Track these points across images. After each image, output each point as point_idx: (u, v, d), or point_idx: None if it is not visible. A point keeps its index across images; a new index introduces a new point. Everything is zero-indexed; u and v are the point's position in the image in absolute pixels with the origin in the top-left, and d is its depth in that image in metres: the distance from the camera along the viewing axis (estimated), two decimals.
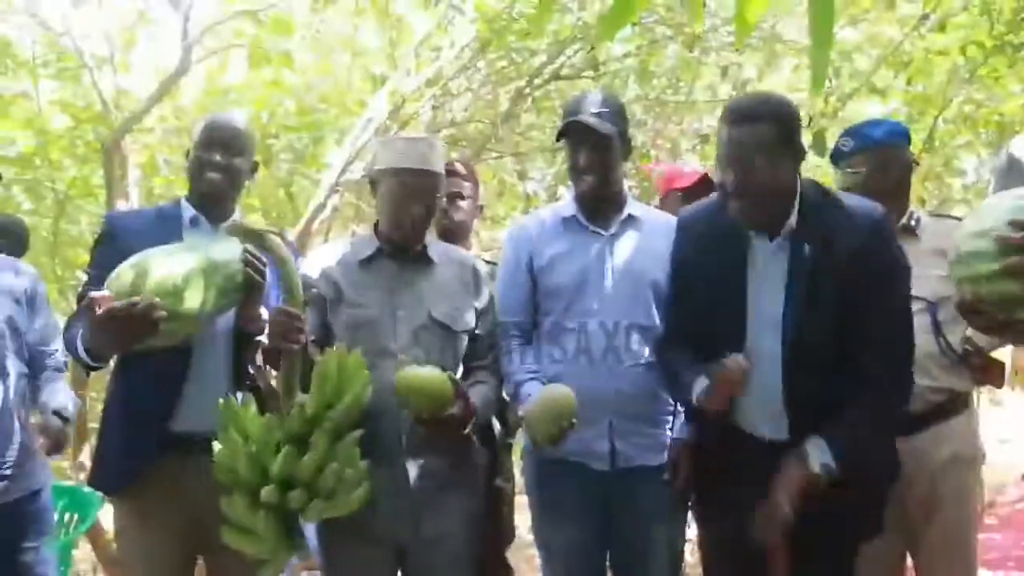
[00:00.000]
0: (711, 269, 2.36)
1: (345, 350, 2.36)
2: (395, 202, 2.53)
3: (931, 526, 2.72)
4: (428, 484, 2.47)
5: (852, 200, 2.37)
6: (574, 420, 2.38)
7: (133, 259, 2.24)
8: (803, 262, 2.25)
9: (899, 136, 2.89)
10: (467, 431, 2.44)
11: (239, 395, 2.43)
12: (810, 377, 2.26)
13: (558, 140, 2.74)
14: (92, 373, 2.85)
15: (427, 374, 2.35)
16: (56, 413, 2.79)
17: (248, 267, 2.36)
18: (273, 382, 2.40)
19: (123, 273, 2.20)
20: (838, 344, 2.25)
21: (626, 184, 2.85)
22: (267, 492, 2.24)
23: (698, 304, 2.40)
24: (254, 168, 2.70)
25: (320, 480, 2.27)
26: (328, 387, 2.31)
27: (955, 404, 2.75)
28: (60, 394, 2.86)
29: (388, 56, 7.79)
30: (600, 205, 2.71)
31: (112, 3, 7.28)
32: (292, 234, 7.03)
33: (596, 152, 2.65)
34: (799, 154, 2.27)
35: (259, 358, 2.47)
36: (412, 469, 2.46)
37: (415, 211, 2.51)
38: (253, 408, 2.37)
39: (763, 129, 2.19)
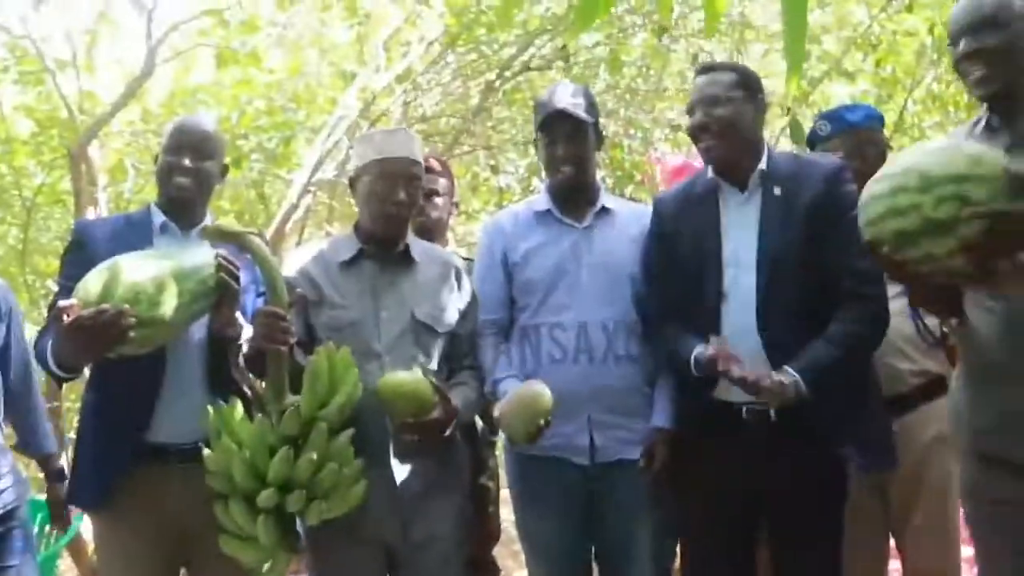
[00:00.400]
0: (688, 231, 2.50)
1: (334, 348, 2.34)
2: (378, 192, 2.50)
3: (915, 508, 2.73)
4: (415, 486, 2.45)
5: (813, 156, 2.63)
6: (549, 418, 2.36)
7: (102, 266, 2.19)
8: (773, 204, 2.42)
9: (875, 120, 2.93)
10: (448, 433, 2.42)
11: (219, 402, 2.38)
12: (785, 319, 2.34)
13: (539, 131, 2.71)
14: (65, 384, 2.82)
15: (408, 379, 2.33)
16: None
17: (221, 271, 2.33)
18: (257, 385, 2.37)
19: (91, 281, 2.15)
20: (809, 281, 2.34)
21: (599, 175, 2.84)
22: (265, 496, 2.21)
23: (680, 266, 2.49)
24: (224, 171, 2.66)
25: (318, 480, 2.25)
26: (321, 387, 2.28)
27: (936, 386, 2.75)
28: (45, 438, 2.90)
29: (357, 52, 7.74)
30: (574, 197, 2.70)
31: (73, 5, 7.16)
32: (266, 235, 6.99)
33: (574, 142, 2.64)
34: (760, 106, 2.49)
35: (241, 362, 2.44)
36: (399, 471, 2.44)
37: (399, 198, 2.48)
38: (240, 413, 2.34)
39: (725, 75, 2.46)
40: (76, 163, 6.38)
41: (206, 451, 2.29)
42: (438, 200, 3.24)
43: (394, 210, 2.50)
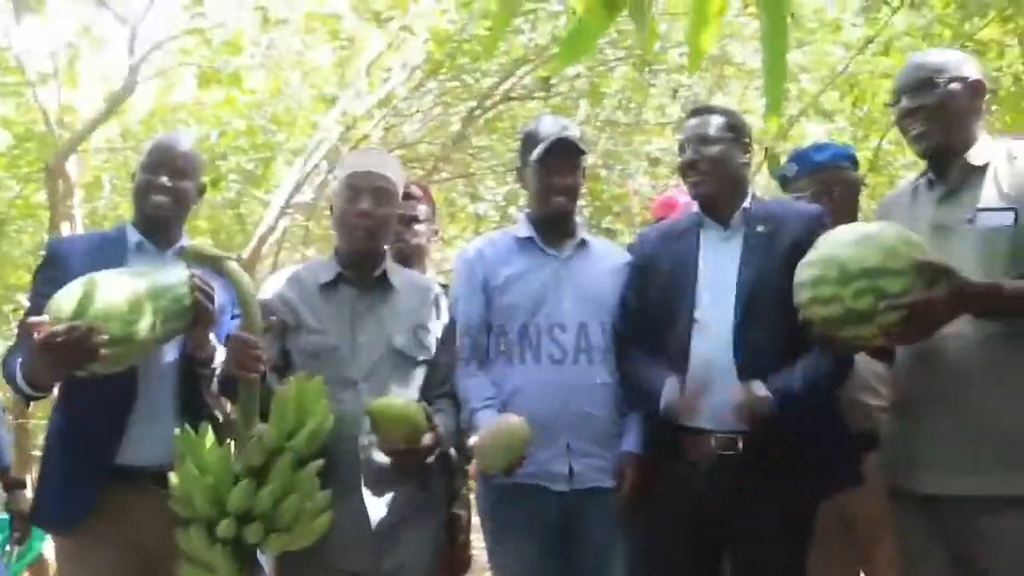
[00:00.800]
0: (666, 263, 2.58)
1: (305, 378, 2.31)
2: (343, 205, 2.51)
3: (881, 543, 2.74)
4: (388, 516, 2.43)
5: (793, 201, 2.82)
6: (527, 450, 2.36)
7: (75, 283, 2.16)
8: (754, 240, 2.50)
9: (843, 158, 2.97)
10: (430, 460, 2.41)
11: (187, 425, 2.35)
12: (760, 349, 2.39)
13: (536, 161, 2.68)
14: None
15: (402, 404, 2.33)
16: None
17: (196, 291, 2.31)
18: (230, 411, 2.35)
19: (64, 297, 2.12)
20: (783, 315, 2.34)
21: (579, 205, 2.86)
22: (224, 526, 2.18)
23: (655, 296, 2.56)
24: (201, 191, 2.63)
25: (278, 513, 2.22)
26: (288, 416, 2.26)
27: None
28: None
29: (339, 76, 7.76)
30: (557, 227, 2.71)
31: (56, 18, 7.14)
32: (242, 256, 6.96)
33: (572, 173, 2.68)
34: (747, 150, 2.60)
35: (215, 386, 2.41)
36: (371, 500, 2.42)
37: (361, 207, 2.46)
38: (210, 439, 2.30)
39: (716, 118, 2.57)
40: (53, 177, 6.34)
41: (171, 475, 2.26)
42: (418, 227, 3.24)
43: (356, 220, 2.48)
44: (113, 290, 2.15)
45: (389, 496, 2.43)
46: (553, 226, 2.71)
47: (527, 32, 6.56)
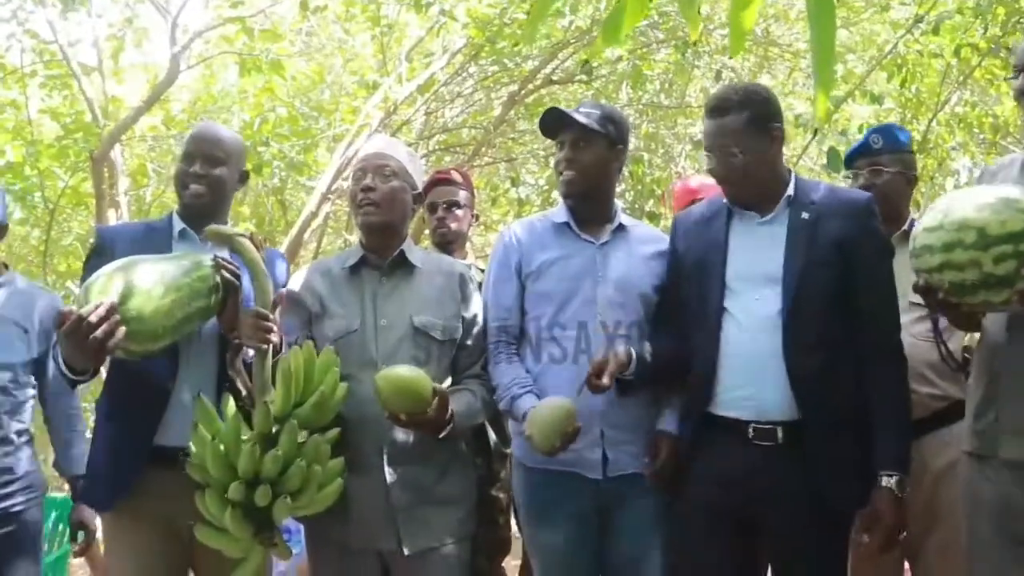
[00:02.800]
0: (695, 250, 2.51)
1: (312, 348, 2.35)
2: (352, 187, 2.60)
3: (931, 532, 2.70)
4: (410, 497, 2.43)
5: (841, 189, 2.61)
6: (576, 427, 2.36)
7: (105, 267, 2.22)
8: (802, 226, 2.39)
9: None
10: (442, 435, 2.40)
11: (202, 395, 2.38)
12: (809, 344, 2.32)
13: (550, 137, 2.72)
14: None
15: (406, 373, 2.32)
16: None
17: (221, 270, 2.34)
18: (250, 383, 2.38)
19: (91, 282, 2.19)
20: (832, 303, 2.33)
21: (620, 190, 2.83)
22: (233, 489, 2.22)
23: (683, 284, 2.51)
24: (243, 178, 2.66)
25: (285, 477, 2.24)
26: (293, 384, 2.29)
27: (955, 411, 2.72)
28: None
29: (379, 62, 7.77)
30: (590, 212, 2.68)
31: (101, 11, 7.22)
32: (284, 242, 7.02)
33: (576, 147, 2.62)
34: (777, 136, 2.43)
35: (238, 361, 2.45)
36: (393, 480, 2.43)
37: (364, 183, 2.53)
38: (232, 408, 2.34)
39: (734, 118, 2.38)
40: (98, 166, 6.42)
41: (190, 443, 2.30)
42: (458, 211, 3.23)
43: (360, 196, 2.53)
44: (139, 272, 2.20)
45: (411, 477, 2.44)
46: (583, 208, 2.67)
47: (567, 15, 6.50)
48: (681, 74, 7.37)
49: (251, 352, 2.34)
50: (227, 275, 2.35)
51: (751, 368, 2.35)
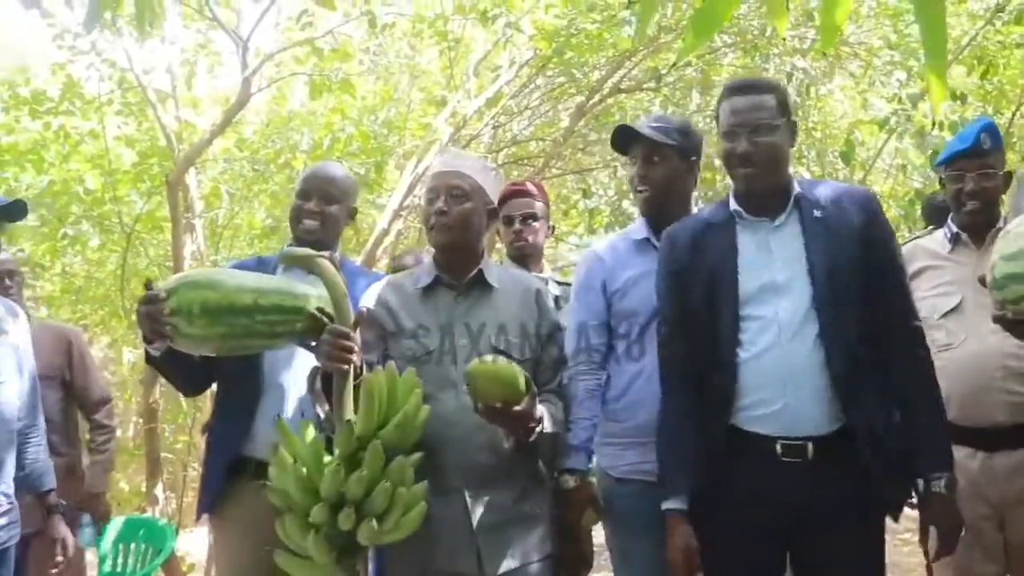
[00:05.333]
0: (702, 263, 2.36)
1: (394, 369, 2.31)
2: (425, 208, 2.56)
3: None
4: (492, 518, 2.39)
5: (838, 184, 2.56)
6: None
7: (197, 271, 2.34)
8: (816, 225, 2.30)
9: None
10: (531, 438, 2.35)
11: (280, 415, 2.44)
12: (848, 343, 2.21)
13: (622, 153, 2.72)
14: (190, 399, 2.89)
15: (501, 363, 2.29)
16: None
17: (312, 320, 2.31)
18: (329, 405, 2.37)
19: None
20: (864, 304, 2.25)
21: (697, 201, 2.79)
22: (316, 512, 2.18)
23: (694, 301, 2.34)
24: (352, 214, 2.80)
25: (370, 500, 2.19)
26: (376, 406, 2.25)
27: None
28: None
29: (447, 78, 7.80)
30: (667, 226, 2.63)
31: (174, 39, 7.36)
32: (357, 260, 7.06)
33: (648, 162, 2.62)
34: (793, 131, 2.38)
35: (318, 383, 2.44)
36: (474, 503, 2.40)
37: (437, 206, 2.48)
38: (311, 432, 2.33)
39: (766, 97, 2.30)
40: (174, 191, 6.52)
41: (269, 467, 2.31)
42: (536, 224, 3.21)
43: (435, 220, 2.49)
44: (223, 276, 2.29)
45: (492, 498, 2.40)
46: (662, 223, 2.62)
47: (634, 23, 6.45)
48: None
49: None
50: (318, 314, 2.31)
51: (780, 381, 2.22)
